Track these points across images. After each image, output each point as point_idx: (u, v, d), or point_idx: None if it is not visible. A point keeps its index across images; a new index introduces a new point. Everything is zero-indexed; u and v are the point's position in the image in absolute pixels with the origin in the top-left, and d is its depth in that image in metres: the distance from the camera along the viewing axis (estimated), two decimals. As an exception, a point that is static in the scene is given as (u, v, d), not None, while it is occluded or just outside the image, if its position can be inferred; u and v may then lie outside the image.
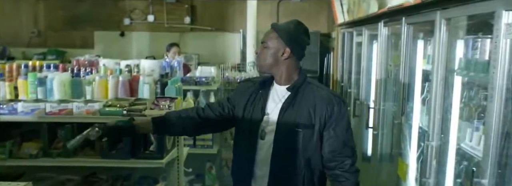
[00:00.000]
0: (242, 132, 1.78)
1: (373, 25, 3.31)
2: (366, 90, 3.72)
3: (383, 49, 3.00)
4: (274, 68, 1.71)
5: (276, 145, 1.69)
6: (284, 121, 1.68)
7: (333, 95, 1.72)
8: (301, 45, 1.72)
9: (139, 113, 2.20)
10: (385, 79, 3.02)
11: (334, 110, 1.68)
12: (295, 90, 1.70)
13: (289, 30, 1.69)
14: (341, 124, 1.69)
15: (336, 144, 1.68)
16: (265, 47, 1.71)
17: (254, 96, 1.76)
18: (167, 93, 2.56)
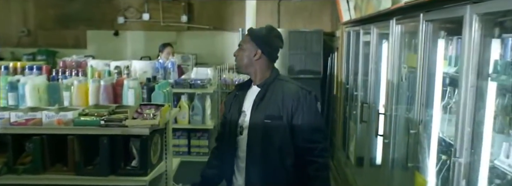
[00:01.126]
0: (224, 132, 2.01)
1: (383, 23, 3.01)
2: (375, 93, 3.43)
3: (395, 50, 2.71)
4: (249, 68, 1.94)
5: (249, 137, 1.88)
6: (255, 115, 1.88)
7: (301, 88, 1.90)
8: (271, 47, 1.94)
9: (119, 123, 1.91)
10: (398, 82, 2.73)
11: (300, 101, 1.86)
12: (266, 87, 1.90)
13: (260, 34, 1.92)
14: (308, 113, 1.86)
15: (303, 132, 1.85)
16: (241, 49, 1.95)
17: (235, 99, 1.99)
18: (154, 99, 2.26)
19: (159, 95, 2.26)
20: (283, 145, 1.86)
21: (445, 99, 2.14)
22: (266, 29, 1.95)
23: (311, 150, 1.85)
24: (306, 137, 1.85)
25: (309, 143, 1.85)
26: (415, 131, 2.23)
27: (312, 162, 1.84)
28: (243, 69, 1.97)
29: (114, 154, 1.95)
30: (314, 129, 1.87)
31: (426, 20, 2.12)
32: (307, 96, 1.88)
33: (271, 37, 1.93)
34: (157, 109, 2.03)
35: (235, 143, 1.92)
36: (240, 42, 1.98)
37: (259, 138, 1.87)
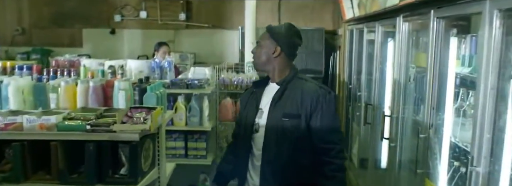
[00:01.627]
0: (239, 128, 1.99)
1: (389, 20, 2.87)
2: (379, 94, 3.28)
3: (402, 48, 2.56)
4: (267, 66, 1.92)
5: (266, 135, 1.86)
6: (273, 113, 1.86)
7: (319, 87, 1.89)
8: (290, 44, 1.92)
9: (106, 128, 1.77)
10: (405, 83, 2.58)
11: (319, 100, 1.84)
12: (285, 85, 1.89)
13: (280, 31, 1.90)
14: (327, 113, 1.84)
15: (322, 132, 1.83)
16: (259, 46, 1.93)
17: (252, 96, 1.97)
18: (146, 101, 2.12)
19: (151, 97, 2.11)
20: (300, 144, 1.85)
21: (458, 101, 2.00)
22: (285, 26, 1.93)
23: (328, 150, 1.83)
24: (323, 137, 1.84)
25: (326, 143, 1.84)
26: (425, 135, 2.08)
27: (329, 162, 1.83)
28: (261, 66, 1.95)
29: (101, 161, 1.80)
30: (332, 129, 1.86)
31: (437, 17, 1.98)
32: (326, 95, 1.86)
33: (291, 34, 1.92)
34: (149, 112, 1.88)
35: (251, 140, 1.91)
36: (258, 39, 1.96)
37: (276, 136, 1.85)
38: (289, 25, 1.94)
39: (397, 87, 2.62)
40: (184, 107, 3.64)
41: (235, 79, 3.78)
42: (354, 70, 4.30)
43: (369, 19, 3.48)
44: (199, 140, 3.69)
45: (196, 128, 3.63)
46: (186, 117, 3.63)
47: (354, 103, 4.15)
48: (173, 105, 3.64)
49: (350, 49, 4.52)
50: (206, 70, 3.90)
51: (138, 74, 3.94)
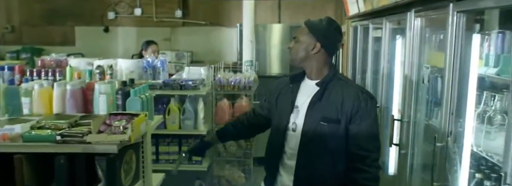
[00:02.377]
0: (274, 124, 1.93)
1: (398, 16, 2.63)
2: (387, 96, 3.05)
3: (414, 47, 2.32)
4: (305, 62, 1.82)
5: (303, 137, 1.79)
6: (312, 114, 1.78)
7: (361, 92, 1.80)
8: (331, 41, 1.82)
9: (80, 138, 1.54)
10: (417, 84, 2.34)
11: (361, 106, 1.75)
12: (324, 86, 1.79)
13: (320, 26, 1.80)
14: (367, 120, 1.76)
15: (359, 139, 1.75)
16: (297, 41, 1.82)
17: (285, 89, 1.90)
18: (129, 107, 1.89)
19: (134, 102, 1.88)
20: (337, 149, 1.79)
21: (481, 106, 1.77)
22: (326, 21, 1.82)
23: (364, 158, 1.76)
24: (361, 144, 1.76)
25: (363, 150, 1.76)
26: (442, 143, 1.85)
27: (363, 171, 1.75)
28: (298, 62, 1.85)
29: (74, 176, 1.57)
30: (371, 137, 1.78)
31: (457, 11, 1.74)
32: (368, 101, 1.77)
33: (331, 30, 1.81)
34: (129, 120, 1.65)
35: (284, 137, 1.84)
36: (295, 34, 1.86)
37: (313, 140, 1.79)
38: (329, 20, 1.83)
39: (408, 89, 2.38)
40: (177, 109, 3.40)
41: (232, 79, 3.55)
42: (358, 69, 4.08)
43: (375, 15, 3.25)
44: (194, 144, 3.45)
45: (190, 131, 3.40)
46: (180, 120, 3.40)
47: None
48: (166, 107, 3.41)
49: (353, 47, 4.29)
50: (201, 70, 3.67)
51: (129, 74, 3.71)
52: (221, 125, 3.48)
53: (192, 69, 3.70)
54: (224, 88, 3.60)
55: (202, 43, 6.13)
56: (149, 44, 4.33)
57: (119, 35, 6.14)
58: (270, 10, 5.89)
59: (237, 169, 3.67)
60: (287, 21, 5.84)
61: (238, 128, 2.11)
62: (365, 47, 3.97)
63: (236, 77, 3.55)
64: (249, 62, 3.99)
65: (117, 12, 6.12)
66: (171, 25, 6.15)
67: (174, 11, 6.09)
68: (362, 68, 4.01)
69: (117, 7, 6.11)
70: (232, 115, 3.51)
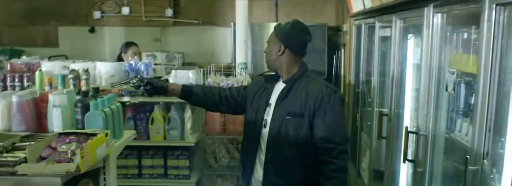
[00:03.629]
0: (249, 122, 2.02)
1: (412, 12, 2.28)
2: (398, 102, 2.69)
3: (434, 47, 1.96)
4: (276, 64, 1.98)
5: (271, 132, 1.91)
6: (278, 110, 1.92)
7: (326, 86, 1.91)
8: (295, 42, 1.95)
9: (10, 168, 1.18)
10: (437, 92, 1.99)
11: (324, 100, 1.87)
12: (291, 83, 1.93)
13: (284, 29, 1.95)
14: (330, 113, 1.86)
15: (324, 131, 1.85)
16: (268, 45, 2.01)
17: (262, 89, 2.02)
18: (88, 123, 1.53)
19: (95, 117, 1.52)
20: (303, 143, 1.87)
21: (526, 122, 1.41)
22: (290, 24, 1.95)
23: (330, 150, 1.84)
24: (325, 137, 1.85)
25: (327, 143, 1.85)
26: (476, 167, 1.49)
27: (329, 162, 1.83)
28: (269, 64, 2.02)
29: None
30: (335, 129, 1.87)
31: (497, 4, 1.39)
32: (331, 95, 1.88)
33: (295, 31, 1.93)
34: (83, 141, 1.29)
35: (260, 134, 1.95)
36: (268, 38, 2.02)
37: (279, 134, 1.88)
38: (294, 22, 1.95)
39: (427, 97, 2.02)
40: (162, 118, 3.05)
41: (223, 84, 3.18)
42: (362, 71, 3.72)
43: (382, 12, 2.89)
44: (181, 156, 3.11)
45: (177, 142, 3.05)
46: (164, 130, 3.04)
47: (363, 108, 3.57)
48: (149, 115, 3.05)
49: (357, 48, 3.94)
50: (189, 74, 3.30)
51: (109, 79, 3.36)
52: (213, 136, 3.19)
53: (179, 73, 3.33)
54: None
55: (194, 43, 5.80)
56: (129, 45, 3.97)
57: (106, 36, 5.78)
58: (266, 8, 5.55)
59: (230, 183, 3.31)
60: (284, 20, 5.45)
61: (206, 92, 2.15)
62: (370, 47, 3.64)
63: (228, 81, 3.19)
64: (242, 64, 3.63)
65: (104, 11, 5.77)
66: (161, 24, 5.81)
67: (164, 9, 5.74)
68: (367, 70, 3.67)
69: (103, 6, 5.75)
70: (224, 124, 3.15)
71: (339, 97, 1.92)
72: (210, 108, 2.34)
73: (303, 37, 1.95)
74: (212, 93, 2.16)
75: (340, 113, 1.91)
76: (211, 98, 2.14)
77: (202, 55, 5.76)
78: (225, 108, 2.18)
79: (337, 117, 1.88)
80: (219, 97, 2.15)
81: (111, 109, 1.61)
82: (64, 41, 5.79)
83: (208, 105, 2.23)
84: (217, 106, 2.18)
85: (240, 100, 2.14)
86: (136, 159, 3.10)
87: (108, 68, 3.33)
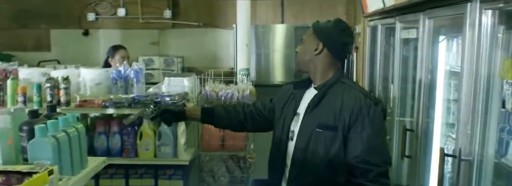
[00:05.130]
0: (275, 134, 1.84)
1: (447, 9, 1.89)
2: (425, 116, 2.29)
3: (482, 51, 1.57)
4: (308, 65, 1.75)
5: (297, 145, 1.69)
6: (307, 121, 1.69)
7: (364, 96, 1.66)
8: (336, 41, 1.72)
9: None
10: (486, 107, 1.59)
11: (362, 112, 1.61)
12: (324, 90, 1.70)
13: (324, 26, 1.74)
14: (368, 128, 1.60)
15: (361, 149, 1.60)
16: (302, 43, 1.78)
17: (291, 97, 1.82)
18: (32, 154, 1.15)
19: (40, 146, 1.14)
20: (334, 160, 1.64)
21: None
22: (333, 21, 1.75)
23: (366, 172, 1.60)
24: (361, 156, 1.60)
25: (364, 163, 1.60)
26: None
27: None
28: (301, 66, 1.79)
29: None
30: (374, 148, 1.61)
31: None
32: (371, 106, 1.63)
33: (337, 30, 1.72)
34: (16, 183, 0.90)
35: (286, 148, 1.75)
36: (302, 35, 1.81)
37: (307, 148, 1.67)
38: (337, 20, 1.75)
39: (471, 113, 1.62)
40: (152, 132, 2.67)
41: (222, 93, 2.80)
42: (378, 77, 3.34)
43: (406, 10, 2.50)
44: (173, 176, 2.73)
45: (169, 160, 2.67)
46: (155, 147, 2.66)
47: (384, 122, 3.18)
48: (138, 130, 2.68)
49: (372, 51, 3.56)
50: (184, 81, 2.93)
51: (94, 88, 2.99)
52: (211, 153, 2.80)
53: (173, 80, 2.96)
54: (212, 104, 2.84)
55: (194, 47, 5.48)
56: (117, 49, 3.61)
57: (101, 39, 5.46)
58: (271, 9, 5.21)
59: (230, 205, 2.92)
60: (291, 21, 5.17)
61: (229, 111, 1.94)
62: (387, 51, 3.27)
63: (227, 90, 2.80)
64: (244, 71, 3.25)
65: (98, 13, 5.45)
66: (160, 27, 5.50)
67: (162, 11, 5.42)
68: (384, 76, 3.30)
69: (97, 7, 5.43)
70: (222, 139, 2.76)
71: (381, 110, 1.66)
72: (235, 128, 2.08)
73: (345, 38, 1.72)
74: (235, 111, 1.95)
75: (380, 128, 1.65)
76: (235, 118, 1.93)
77: (203, 59, 5.46)
78: (252, 125, 1.98)
79: (377, 133, 1.61)
80: (243, 115, 1.93)
81: (66, 134, 1.23)
82: (56, 45, 5.51)
83: (233, 125, 1.99)
84: (243, 125, 1.97)
85: (267, 114, 1.93)
86: (123, 179, 2.74)
87: (93, 75, 2.97)
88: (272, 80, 4.81)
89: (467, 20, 1.63)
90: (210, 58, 5.46)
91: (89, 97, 2.79)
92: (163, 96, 2.65)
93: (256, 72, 4.73)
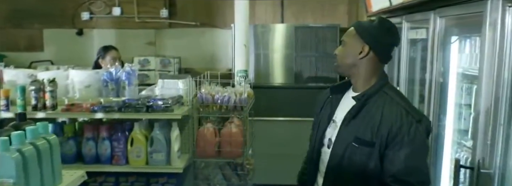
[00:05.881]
0: (311, 139, 1.77)
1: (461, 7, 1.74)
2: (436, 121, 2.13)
3: (506, 53, 1.41)
4: (352, 70, 1.60)
5: (332, 158, 1.62)
6: (344, 133, 1.59)
7: (406, 112, 1.50)
8: (383, 43, 1.56)
9: None
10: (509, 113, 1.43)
11: (402, 130, 1.47)
12: (363, 101, 1.56)
13: (369, 26, 1.58)
14: (409, 147, 1.47)
15: (397, 169, 1.49)
16: (343, 45, 1.63)
17: (327, 101, 1.73)
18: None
19: (2, 162, 0.98)
20: (370, 175, 1.53)
21: None
22: (377, 20, 1.59)
23: None
24: (397, 175, 1.48)
25: (398, 183, 1.49)
26: None
27: None
28: (343, 69, 1.64)
29: None
30: (412, 168, 1.48)
31: None
32: (412, 124, 1.47)
33: (383, 30, 1.56)
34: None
35: (319, 154, 1.68)
36: (343, 37, 1.64)
37: (342, 161, 1.57)
38: (381, 19, 1.60)
39: (492, 122, 1.47)
40: (143, 138, 2.51)
41: (218, 96, 2.63)
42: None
43: (415, 9, 2.35)
44: (166, 185, 2.59)
45: (161, 168, 2.52)
46: (146, 153, 2.51)
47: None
48: (128, 135, 2.52)
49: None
50: (179, 84, 2.77)
51: (84, 90, 2.83)
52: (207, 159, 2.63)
53: (167, 83, 2.80)
54: (208, 108, 2.68)
55: (192, 47, 5.29)
56: (107, 50, 3.45)
57: (95, 39, 5.28)
58: (271, 8, 5.04)
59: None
60: (291, 21, 5.01)
61: None
62: (393, 52, 3.11)
63: (224, 94, 2.64)
64: (242, 72, 3.09)
65: (92, 12, 5.27)
66: (156, 26, 5.30)
67: (159, 10, 5.23)
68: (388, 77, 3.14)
69: (92, 7, 5.25)
70: (218, 145, 2.60)
71: (425, 128, 1.49)
72: None
73: (393, 39, 1.57)
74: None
75: (421, 148, 1.49)
76: None
77: (201, 60, 5.29)
78: None
79: (417, 153, 1.47)
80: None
81: (35, 147, 1.07)
82: (50, 45, 5.31)
83: None
84: None
85: None
86: (113, 188, 2.57)
87: (82, 77, 2.81)
88: (272, 82, 4.65)
89: (487, 19, 1.48)
90: (208, 59, 5.30)
91: (78, 100, 2.63)
92: (156, 99, 2.49)
93: (255, 73, 4.57)
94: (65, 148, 2.48)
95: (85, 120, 2.66)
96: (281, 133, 4.12)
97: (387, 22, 1.60)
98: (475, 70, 1.96)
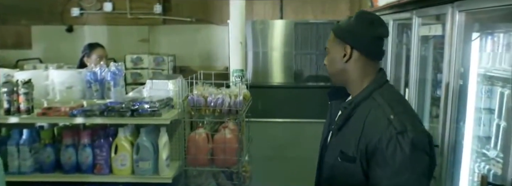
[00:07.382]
0: None
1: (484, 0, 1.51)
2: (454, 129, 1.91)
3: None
4: (343, 76, 1.45)
5: (322, 173, 1.53)
6: (332, 147, 1.47)
7: (389, 121, 1.26)
8: (364, 39, 1.38)
9: None
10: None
11: (380, 144, 1.25)
12: (351, 109, 1.38)
13: (346, 25, 1.42)
14: (386, 166, 1.26)
15: None
16: (328, 53, 1.49)
17: (329, 107, 1.60)
18: None
19: None
20: None
21: None
22: (355, 16, 1.41)
23: None
24: None
25: None
26: None
27: None
28: (336, 79, 1.47)
29: None
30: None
31: None
32: (392, 137, 1.23)
33: (362, 24, 1.37)
34: None
35: (321, 166, 1.54)
36: (326, 44, 1.50)
37: (330, 179, 1.46)
38: (358, 14, 1.42)
39: None
40: (129, 144, 2.28)
41: (211, 99, 2.41)
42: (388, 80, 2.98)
43: (426, 3, 2.13)
44: (155, 196, 2.33)
45: (148, 178, 2.29)
46: (132, 162, 2.28)
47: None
48: (112, 141, 2.29)
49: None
50: (169, 85, 2.54)
51: (65, 91, 2.61)
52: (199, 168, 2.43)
53: (156, 83, 2.56)
54: (200, 111, 2.46)
55: (187, 45, 5.11)
56: (93, 48, 3.23)
57: (86, 36, 5.10)
58: (270, 4, 4.86)
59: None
60: (291, 17, 4.84)
61: None
62: (399, 50, 2.93)
63: (218, 95, 2.41)
64: (238, 72, 2.86)
65: (83, 8, 5.10)
66: (149, 23, 5.13)
67: (152, 6, 5.05)
68: (395, 78, 2.97)
69: (82, 2, 5.06)
70: (211, 153, 2.38)
71: (410, 140, 1.22)
72: None
73: (376, 31, 1.37)
74: None
75: (405, 166, 1.23)
76: None
77: (196, 58, 5.13)
78: None
79: (398, 173, 1.23)
80: None
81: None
82: (38, 42, 5.14)
83: None
84: None
85: None
86: (96, 199, 2.34)
87: (63, 77, 2.58)
88: (270, 81, 4.44)
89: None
90: (204, 57, 5.12)
91: (58, 103, 2.41)
92: (142, 102, 2.26)
93: (253, 72, 4.37)
94: (42, 155, 2.26)
95: (66, 125, 2.44)
96: (280, 135, 3.96)
97: (367, 14, 1.43)
98: (498, 71, 1.75)
